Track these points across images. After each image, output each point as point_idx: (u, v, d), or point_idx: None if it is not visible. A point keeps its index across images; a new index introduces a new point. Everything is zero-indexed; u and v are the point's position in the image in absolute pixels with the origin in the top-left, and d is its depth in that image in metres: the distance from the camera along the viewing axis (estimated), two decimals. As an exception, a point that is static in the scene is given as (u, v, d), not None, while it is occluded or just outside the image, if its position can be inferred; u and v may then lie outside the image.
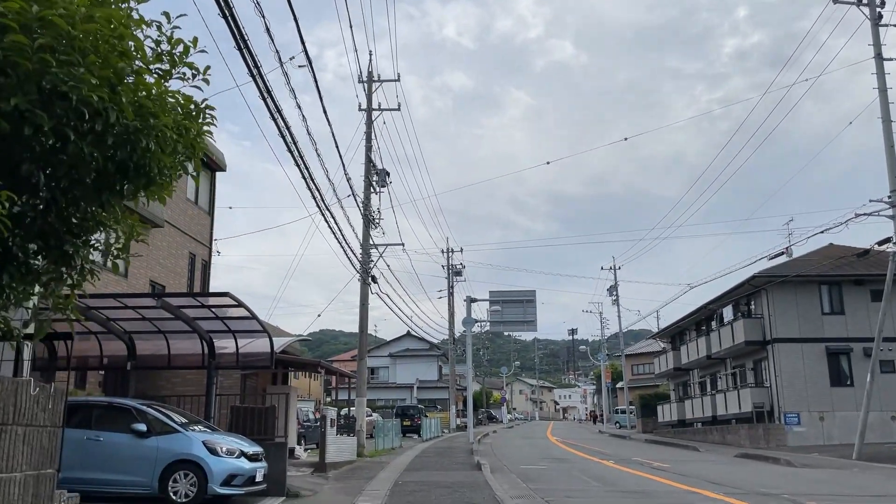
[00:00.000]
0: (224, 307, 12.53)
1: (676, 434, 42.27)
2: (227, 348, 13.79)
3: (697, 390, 42.70)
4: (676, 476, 17.45)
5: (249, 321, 12.97)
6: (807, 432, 30.81)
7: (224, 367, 14.03)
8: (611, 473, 18.23)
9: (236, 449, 11.61)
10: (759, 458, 24.31)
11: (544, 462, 22.03)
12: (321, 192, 19.40)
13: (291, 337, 20.26)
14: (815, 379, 31.44)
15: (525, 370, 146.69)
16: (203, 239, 22.67)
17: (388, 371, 74.73)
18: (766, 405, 32.08)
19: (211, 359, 13.58)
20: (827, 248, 35.39)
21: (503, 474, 17.51)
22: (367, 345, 26.44)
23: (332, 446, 19.02)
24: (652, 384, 69.39)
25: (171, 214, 20.50)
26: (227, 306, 12.45)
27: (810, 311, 32.17)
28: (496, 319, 38.28)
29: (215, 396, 13.51)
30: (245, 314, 12.60)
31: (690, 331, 43.85)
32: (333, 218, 20.72)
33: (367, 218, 26.40)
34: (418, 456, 24.40)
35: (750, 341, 32.69)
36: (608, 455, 25.72)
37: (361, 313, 26.17)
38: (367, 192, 26.61)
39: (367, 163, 26.78)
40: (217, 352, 13.71)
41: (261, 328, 13.11)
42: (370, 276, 26.31)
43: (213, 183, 23.68)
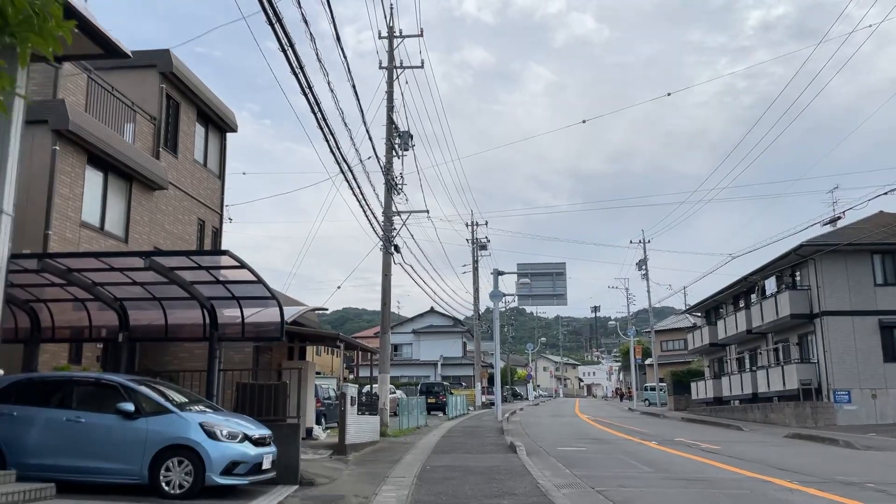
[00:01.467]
0: (224, 269, 10.88)
1: (713, 412, 40.41)
2: (231, 318, 12.19)
3: (735, 367, 40.75)
4: (732, 460, 15.70)
5: (255, 286, 11.33)
6: (858, 411, 28.88)
7: (228, 338, 12.42)
8: (659, 457, 16.51)
9: (239, 432, 10.02)
10: (813, 439, 22.46)
11: (582, 443, 20.36)
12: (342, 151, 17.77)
13: (304, 306, 18.65)
14: (867, 354, 29.43)
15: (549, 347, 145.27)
16: (213, 204, 21.07)
17: (412, 348, 73.41)
18: (813, 382, 30.12)
19: (213, 329, 11.99)
20: (877, 216, 33.20)
21: (541, 458, 15.85)
22: (390, 318, 24.84)
23: (353, 426, 17.48)
24: (682, 360, 67.47)
25: (175, 176, 18.91)
26: (227, 267, 10.80)
27: (862, 282, 30.07)
28: (524, 293, 36.58)
29: (218, 372, 11.93)
30: (250, 278, 10.96)
31: (727, 305, 41.82)
32: (355, 178, 19.08)
33: (390, 183, 24.69)
34: (445, 436, 22.84)
35: (796, 314, 30.68)
36: (648, 435, 24.00)
37: (384, 284, 24.55)
38: (389, 156, 24.88)
39: (388, 124, 25.03)
40: (220, 322, 12.11)
41: (269, 294, 11.47)
42: (393, 245, 24.66)
43: (224, 144, 22.03)
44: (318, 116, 14.08)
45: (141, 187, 17.24)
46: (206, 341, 12.13)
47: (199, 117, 20.54)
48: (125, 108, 17.37)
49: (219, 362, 11.96)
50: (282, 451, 11.12)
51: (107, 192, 16.10)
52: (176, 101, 19.29)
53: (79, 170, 15.00)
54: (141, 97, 18.18)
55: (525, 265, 37.19)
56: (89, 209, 15.44)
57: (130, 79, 18.25)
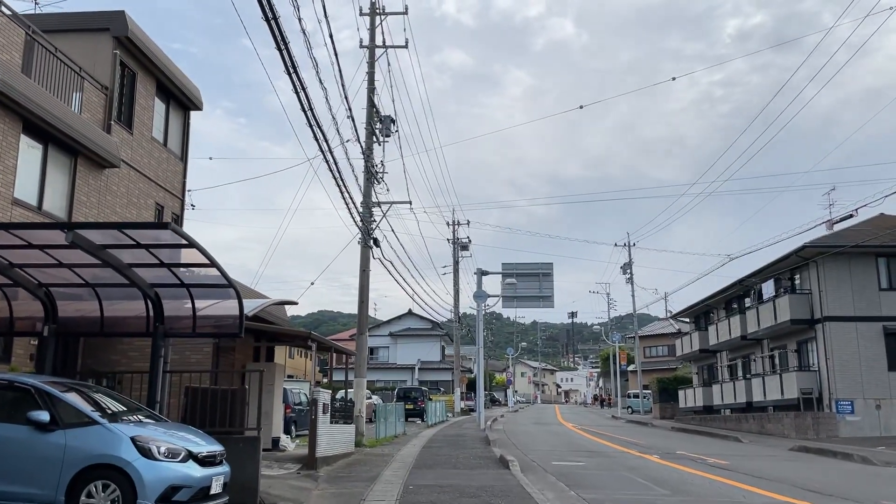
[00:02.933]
0: (168, 247, 8.90)
1: (703, 421, 38.84)
2: (180, 310, 10.22)
3: (726, 374, 39.22)
4: (750, 478, 13.98)
5: (207, 271, 9.40)
6: (861, 422, 27.38)
7: (176, 334, 10.44)
8: (669, 475, 14.74)
9: (182, 449, 8.08)
10: (822, 453, 20.85)
11: (578, 457, 18.55)
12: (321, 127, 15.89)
13: (267, 299, 16.69)
14: (871, 362, 27.96)
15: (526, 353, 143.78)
16: (173, 188, 19.03)
17: (389, 351, 71.34)
18: (814, 391, 28.60)
19: (158, 323, 10.02)
20: (878, 218, 31.82)
21: (537, 475, 14.01)
22: (367, 317, 22.91)
23: (325, 437, 15.54)
24: (666, 367, 66.08)
25: (130, 154, 16.88)
26: (172, 246, 8.83)
27: (866, 287, 28.62)
28: (509, 294, 34.73)
29: (162, 374, 9.94)
30: (200, 260, 9.01)
31: (719, 310, 40.32)
32: (333, 156, 17.17)
33: (370, 170, 22.78)
34: (426, 446, 20.95)
35: (796, 320, 29.15)
36: (645, 447, 22.26)
37: (361, 280, 22.60)
38: (369, 141, 22.96)
39: (368, 106, 23.12)
40: (167, 314, 10.13)
41: (225, 282, 9.53)
42: (372, 239, 22.74)
43: (187, 123, 20.00)
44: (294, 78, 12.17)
45: (88, 164, 15.20)
46: (149, 337, 10.13)
47: (159, 91, 18.50)
48: (72, 74, 15.30)
49: (164, 362, 9.98)
50: (237, 471, 9.20)
51: (46, 167, 14.05)
52: (132, 70, 17.25)
53: (11, 138, 12.96)
54: (91, 64, 16.13)
55: (510, 265, 35.36)
56: (24, 185, 13.40)
57: (80, 43, 16.21)
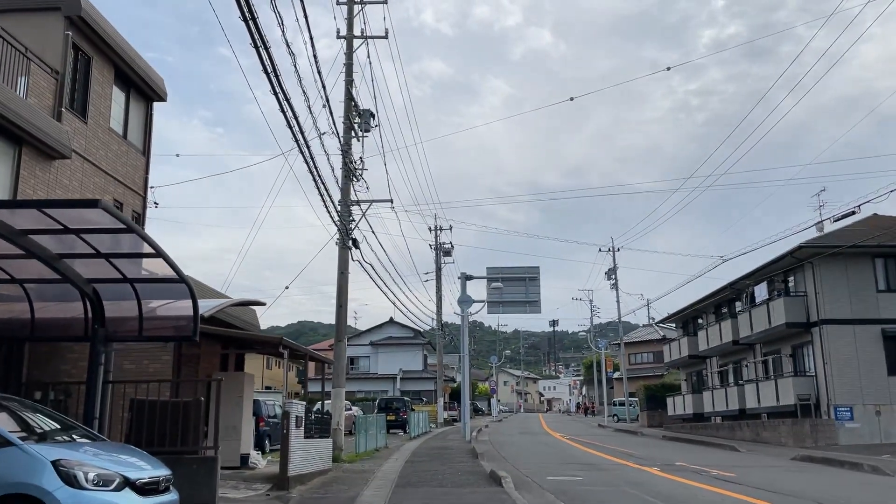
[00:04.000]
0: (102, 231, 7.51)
1: (693, 430, 37.71)
2: (124, 310, 8.82)
3: (717, 380, 38.16)
4: (766, 493, 12.77)
5: (153, 263, 8.02)
6: (861, 429, 26.35)
7: (120, 337, 9.04)
8: (675, 489, 13.48)
9: (115, 475, 6.69)
10: (829, 463, 19.71)
11: (573, 470, 17.25)
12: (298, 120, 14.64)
13: (228, 299, 15.29)
14: (870, 367, 26.97)
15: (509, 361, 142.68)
16: (134, 184, 17.57)
17: (369, 361, 69.77)
18: (811, 397, 27.55)
19: (97, 325, 8.62)
20: (871, 218, 30.90)
21: (534, 493, 12.69)
22: (346, 323, 21.53)
23: (299, 453, 14.13)
24: (651, 374, 65.06)
25: (84, 145, 15.43)
26: (108, 231, 7.43)
27: (863, 289, 27.65)
28: (495, 299, 33.48)
29: (102, 385, 8.53)
30: (145, 249, 7.64)
31: (708, 314, 39.31)
32: (309, 150, 15.86)
33: (348, 166, 21.45)
34: (410, 461, 19.57)
35: (792, 323, 28.13)
36: (641, 458, 21.02)
37: (339, 283, 21.23)
38: (348, 136, 21.64)
39: (346, 99, 21.81)
40: (109, 315, 8.73)
41: (175, 276, 8.15)
42: (351, 239, 21.40)
43: (150, 115, 18.56)
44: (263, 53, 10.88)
45: (35, 153, 13.74)
46: (88, 341, 8.73)
47: (117, 79, 17.06)
48: (18, 55, 13.88)
49: (105, 371, 8.57)
50: (192, 496, 7.83)
51: (-16, 156, 12.64)
52: (87, 54, 15.82)
53: (-58, 122, 11.54)
54: (40, 46, 14.69)
55: (495, 269, 34.13)
56: (-43, 175, 11.99)
57: (28, 23, 14.79)
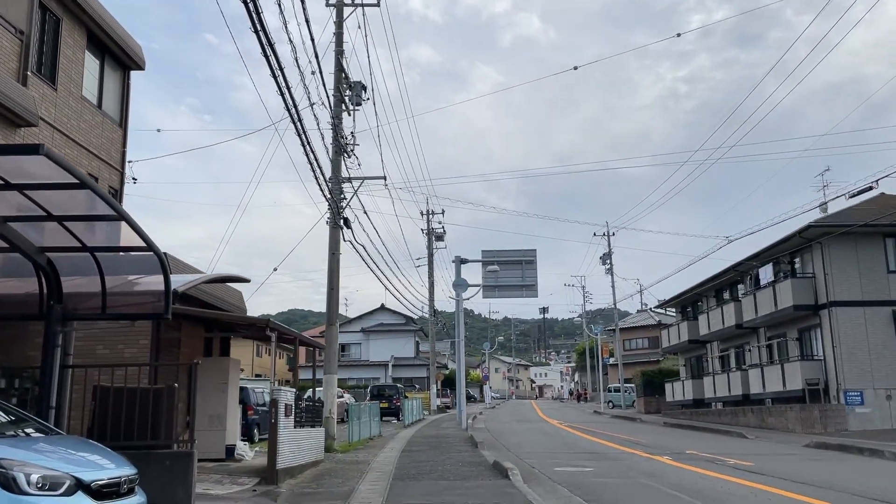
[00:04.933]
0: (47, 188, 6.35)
1: (694, 416, 36.84)
2: (85, 285, 7.69)
3: (718, 365, 37.29)
4: (794, 485, 11.80)
5: (114, 225, 6.89)
6: (871, 414, 25.51)
7: (81, 315, 7.91)
8: (695, 481, 12.48)
9: (64, 477, 5.59)
10: (847, 450, 18.78)
11: (581, 460, 16.24)
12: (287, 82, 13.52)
13: (204, 274, 14.15)
14: (881, 350, 26.08)
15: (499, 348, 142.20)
16: (110, 158, 16.37)
17: (361, 348, 68.75)
18: (820, 382, 26.66)
19: (53, 301, 7.49)
20: (879, 198, 29.95)
21: (545, 487, 11.66)
22: (338, 306, 20.41)
23: (288, 444, 13.07)
24: (646, 360, 64.27)
25: (53, 113, 14.22)
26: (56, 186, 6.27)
27: (874, 269, 26.74)
28: (490, 283, 32.40)
29: (59, 370, 7.41)
30: (107, 212, 6.51)
31: (709, 298, 38.40)
32: (299, 116, 14.70)
33: (339, 142, 20.27)
34: (406, 451, 18.53)
35: (800, 305, 27.20)
36: (649, 447, 20.06)
37: (330, 264, 20.11)
38: (338, 110, 20.46)
39: (336, 71, 20.62)
40: (67, 290, 7.60)
41: (143, 245, 7.02)
42: (342, 218, 20.26)
43: (127, 84, 17.32)
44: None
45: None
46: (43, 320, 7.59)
47: (91, 44, 15.82)
48: (-24, 12, 12.68)
49: (62, 353, 7.44)
50: (160, 500, 6.74)
51: (-62, 120, 11.45)
52: (55, 15, 14.57)
53: None
54: (2, 3, 13.49)
55: (491, 252, 33.01)
56: None
57: (-11, -22, 13.57)
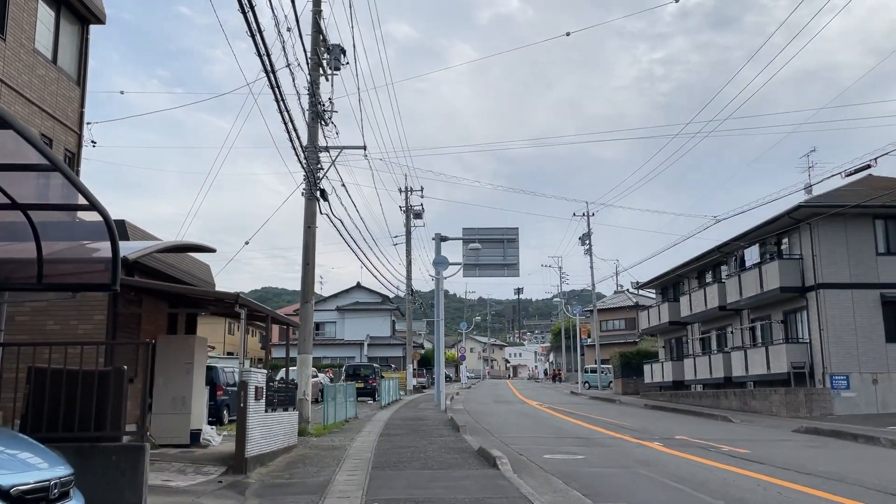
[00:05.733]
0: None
1: (674, 398, 36.43)
2: (17, 251, 6.60)
3: (698, 347, 36.81)
4: (802, 476, 11.09)
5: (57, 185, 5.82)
6: (857, 398, 25.05)
7: (13, 285, 6.84)
8: (695, 471, 11.71)
9: (-23, 481, 4.58)
10: (840, 436, 18.20)
11: (570, 447, 15.44)
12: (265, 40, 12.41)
13: (160, 241, 13.06)
14: (868, 333, 25.60)
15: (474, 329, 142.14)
16: (66, 118, 15.13)
17: (336, 326, 67.65)
18: (805, 365, 26.16)
19: (-20, 269, 6.39)
20: (867, 178, 29.41)
21: (537, 479, 10.80)
22: (313, 283, 19.37)
23: (259, 429, 12.10)
24: (624, 341, 64.00)
25: (1, 66, 12.97)
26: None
27: (863, 251, 26.19)
28: (471, 262, 31.52)
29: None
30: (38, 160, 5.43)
31: (691, 279, 37.83)
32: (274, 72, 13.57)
33: (316, 108, 19.13)
34: (385, 434, 17.64)
35: (787, 287, 26.61)
36: (635, 430, 19.36)
37: (306, 238, 19.04)
38: (315, 74, 19.31)
39: (314, 33, 19.43)
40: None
41: (85, 203, 5.94)
42: (319, 190, 19.17)
43: (85, 39, 16.04)
44: None
45: (-66, 70, 11.33)
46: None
47: (45, -8, 14.56)
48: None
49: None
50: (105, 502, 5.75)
51: None
52: (4, -42, 13.30)
53: None
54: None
55: (472, 230, 32.10)
56: None
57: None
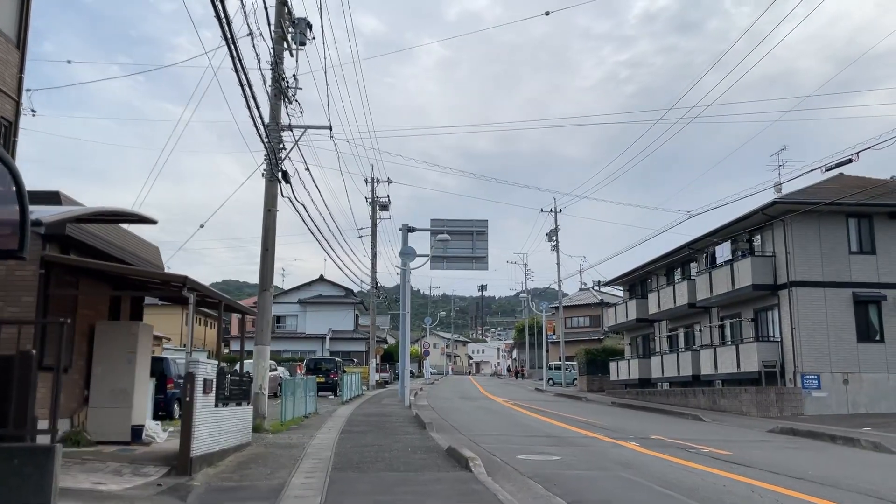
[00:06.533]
0: None
1: (640, 396, 35.94)
2: None
3: (666, 345, 36.37)
4: (790, 480, 10.39)
5: None
6: (828, 399, 24.69)
7: None
8: (681, 476, 10.93)
9: None
10: (817, 437, 17.65)
11: (543, 446, 14.58)
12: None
13: (84, 207, 11.94)
14: (839, 332, 25.27)
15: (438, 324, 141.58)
16: (3, 83, 13.82)
17: (297, 319, 66.26)
18: (776, 364, 25.74)
19: None
20: (838, 178, 29.15)
21: (514, 483, 9.91)
22: (273, 270, 18.23)
23: (207, 426, 11.04)
24: (588, 338, 63.68)
25: (-74, 19, 11.66)
26: None
27: (835, 249, 25.84)
28: (439, 254, 30.60)
29: None
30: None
31: (659, 276, 37.39)
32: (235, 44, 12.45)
33: (279, 84, 18.00)
34: (346, 431, 16.62)
35: (759, 285, 26.17)
36: (608, 430, 18.62)
37: (266, 223, 17.91)
38: (279, 48, 18.16)
39: (279, 4, 18.28)
40: None
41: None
42: (280, 171, 18.05)
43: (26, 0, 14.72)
44: None
45: None
46: None
47: (-20, -57, 13.25)
48: None
49: None
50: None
51: None
52: None
53: None
54: None
55: (440, 221, 31.19)
56: None
57: None
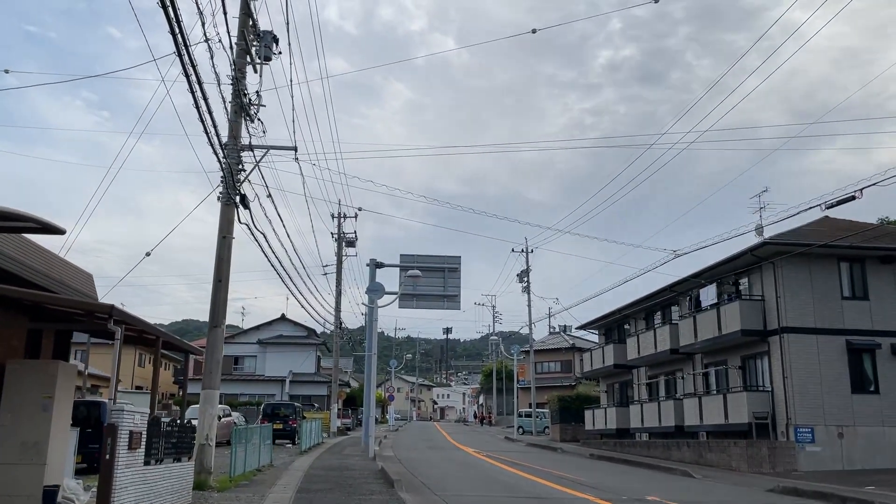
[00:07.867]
0: None
1: (619, 447, 34.13)
2: None
3: (644, 393, 34.77)
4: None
5: None
6: (822, 453, 23.19)
7: None
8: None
9: None
10: (824, 498, 16.02)
11: (530, 510, 12.74)
12: None
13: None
14: (833, 383, 23.89)
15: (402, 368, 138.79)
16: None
17: (256, 361, 63.38)
18: (767, 415, 24.24)
19: None
20: (824, 220, 28.13)
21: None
22: (226, 304, 16.23)
23: (134, 489, 9.05)
24: (559, 384, 61.90)
25: None
26: None
27: (827, 295, 24.61)
28: (409, 291, 28.84)
29: None
30: None
31: (638, 320, 35.95)
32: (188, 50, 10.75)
33: (240, 100, 16.29)
34: (304, 490, 14.57)
35: (748, 330, 24.77)
36: (596, 489, 16.81)
37: (220, 251, 15.99)
38: (242, 61, 16.50)
39: (243, 15, 16.65)
40: None
41: None
42: (238, 194, 16.23)
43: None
44: None
45: None
46: None
47: None
48: None
49: None
50: None
51: None
52: None
53: None
54: None
55: (410, 256, 29.54)
56: None
57: None
